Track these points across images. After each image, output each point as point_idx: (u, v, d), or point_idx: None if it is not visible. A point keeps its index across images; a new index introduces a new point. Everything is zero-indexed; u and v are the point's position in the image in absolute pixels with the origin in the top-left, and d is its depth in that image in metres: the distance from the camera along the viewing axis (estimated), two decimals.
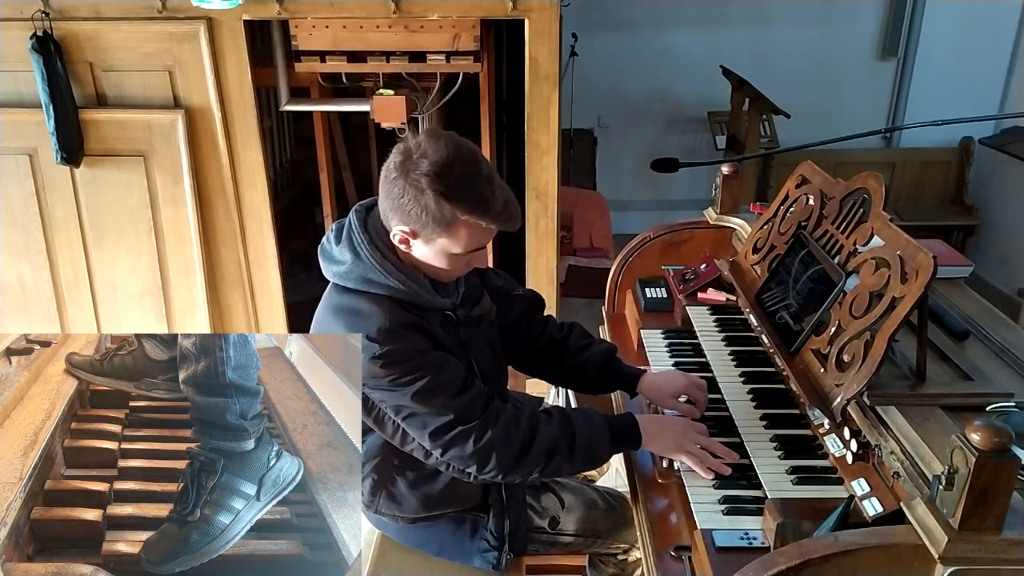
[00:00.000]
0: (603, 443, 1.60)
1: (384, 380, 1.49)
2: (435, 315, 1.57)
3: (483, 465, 1.53)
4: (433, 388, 1.49)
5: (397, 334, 1.48)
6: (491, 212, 1.47)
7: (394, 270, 1.51)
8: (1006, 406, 1.38)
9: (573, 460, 1.58)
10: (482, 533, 1.71)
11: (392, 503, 1.69)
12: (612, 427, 1.62)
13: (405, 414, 1.52)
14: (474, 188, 1.44)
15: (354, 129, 4.19)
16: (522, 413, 1.58)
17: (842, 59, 5.24)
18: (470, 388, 1.54)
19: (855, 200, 1.72)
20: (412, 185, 1.43)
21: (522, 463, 1.55)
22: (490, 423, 1.53)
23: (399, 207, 1.46)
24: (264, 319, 3.32)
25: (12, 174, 3.05)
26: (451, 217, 1.45)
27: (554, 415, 1.60)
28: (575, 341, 1.87)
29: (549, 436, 1.56)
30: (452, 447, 1.52)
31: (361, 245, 1.52)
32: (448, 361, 1.54)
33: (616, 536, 1.82)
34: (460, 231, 1.47)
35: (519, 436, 1.54)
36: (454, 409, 1.51)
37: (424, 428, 1.52)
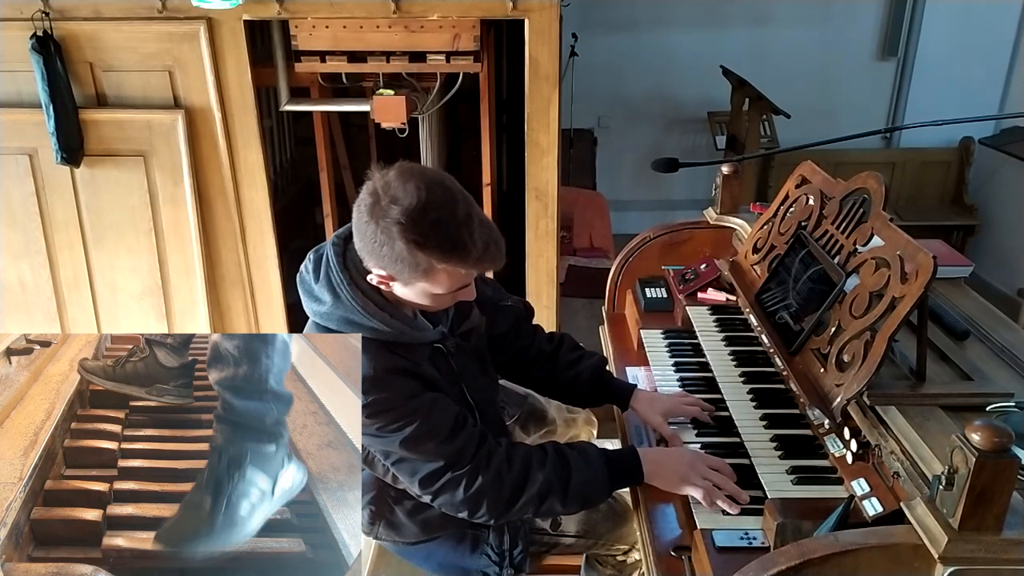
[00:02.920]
0: (600, 484, 1.55)
1: (372, 428, 1.44)
2: (424, 351, 1.51)
3: (474, 511, 1.50)
4: (422, 435, 1.44)
5: (382, 381, 1.43)
6: (469, 258, 1.38)
7: (376, 310, 1.44)
8: (1006, 406, 1.38)
9: (567, 503, 1.53)
10: (483, 549, 1.70)
11: (391, 530, 1.69)
12: (611, 466, 1.55)
13: (394, 459, 1.49)
14: (449, 234, 1.35)
15: (354, 129, 4.19)
16: (515, 454, 1.52)
17: (842, 59, 5.24)
18: (461, 430, 1.49)
19: (855, 200, 1.72)
20: (383, 232, 1.34)
21: (513, 508, 1.50)
22: (481, 468, 1.48)
23: (373, 251, 1.38)
24: (264, 319, 3.32)
25: (12, 174, 3.05)
26: (427, 265, 1.37)
27: (549, 454, 1.54)
28: (566, 354, 1.84)
29: (543, 479, 1.50)
30: (442, 494, 1.49)
31: (340, 285, 1.45)
32: (438, 403, 1.48)
33: (617, 537, 1.81)
34: (439, 276, 1.40)
35: (511, 481, 1.49)
36: (444, 455, 1.46)
37: (414, 475, 1.48)
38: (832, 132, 2.70)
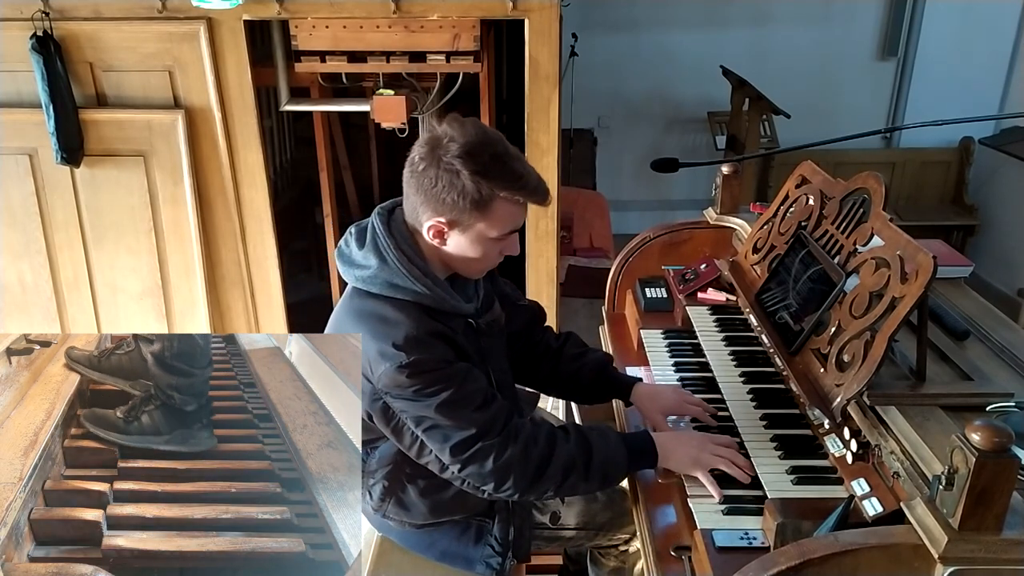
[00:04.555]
0: (620, 462, 1.59)
1: (409, 390, 1.46)
2: (459, 322, 1.55)
3: (501, 483, 1.51)
4: (458, 400, 1.47)
5: (424, 343, 1.46)
6: (528, 186, 1.48)
7: (421, 275, 1.49)
8: (1006, 406, 1.38)
9: (589, 479, 1.56)
10: (486, 539, 1.70)
11: (401, 509, 1.68)
12: (629, 446, 1.60)
13: (427, 425, 1.49)
14: (508, 165, 1.46)
15: (354, 129, 4.19)
16: (540, 431, 1.55)
17: (842, 59, 5.24)
18: (492, 402, 1.52)
19: (855, 200, 1.72)
20: (446, 170, 1.42)
21: (539, 482, 1.53)
22: (511, 440, 1.50)
23: (433, 197, 1.45)
24: (264, 319, 3.32)
25: (12, 174, 3.05)
26: (488, 196, 1.44)
27: (571, 433, 1.58)
28: (570, 349, 1.86)
29: (567, 455, 1.54)
30: (471, 463, 1.50)
31: (387, 249, 1.49)
32: (472, 372, 1.51)
33: (617, 527, 1.82)
34: (497, 211, 1.47)
35: (537, 454, 1.52)
36: (477, 423, 1.48)
37: (446, 441, 1.49)
38: (832, 132, 2.70)
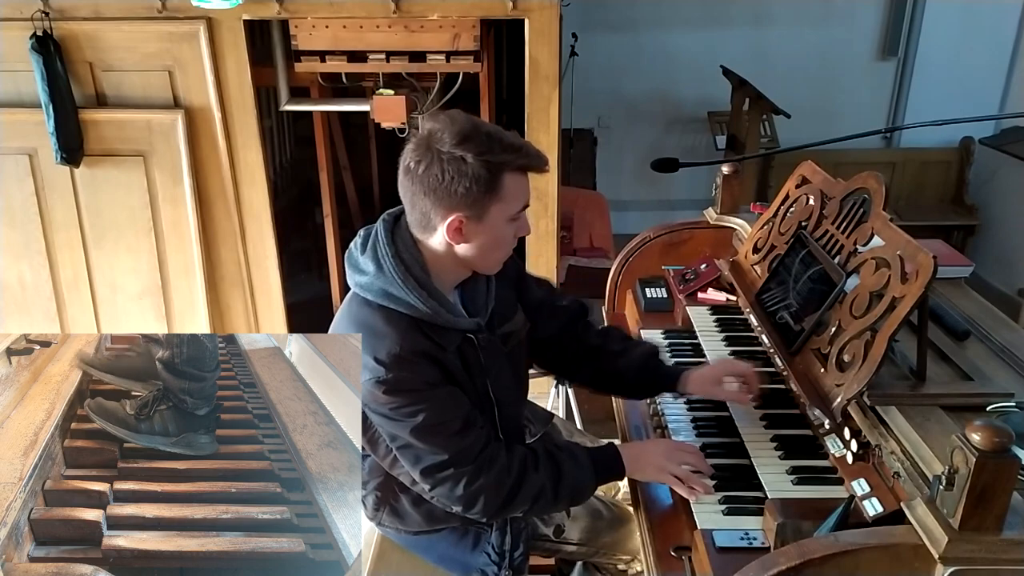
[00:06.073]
0: (588, 482, 1.60)
1: (385, 407, 1.44)
2: (454, 338, 1.50)
3: (469, 507, 1.52)
4: (433, 425, 1.45)
5: (407, 362, 1.42)
6: (530, 153, 1.47)
7: (416, 286, 1.45)
8: (1006, 406, 1.38)
9: (558, 502, 1.60)
10: (483, 547, 1.70)
11: (395, 518, 1.68)
12: (596, 464, 1.60)
13: (400, 444, 1.49)
14: (503, 139, 1.45)
15: (354, 129, 4.20)
16: (514, 457, 1.54)
17: (842, 59, 5.24)
18: (471, 429, 1.50)
19: (855, 200, 1.72)
20: (450, 161, 1.40)
21: (507, 508, 1.54)
22: (483, 469, 1.49)
23: (444, 193, 1.41)
24: (264, 319, 3.32)
25: (12, 174, 3.05)
26: (497, 173, 1.42)
27: (541, 458, 1.57)
28: (612, 345, 1.81)
29: (536, 482, 1.54)
30: (441, 486, 1.50)
31: (385, 257, 1.46)
32: (454, 396, 1.49)
33: (619, 549, 1.81)
34: (508, 187, 1.44)
35: (509, 483, 1.52)
36: (450, 450, 1.47)
37: (417, 463, 1.49)
38: (832, 132, 2.69)
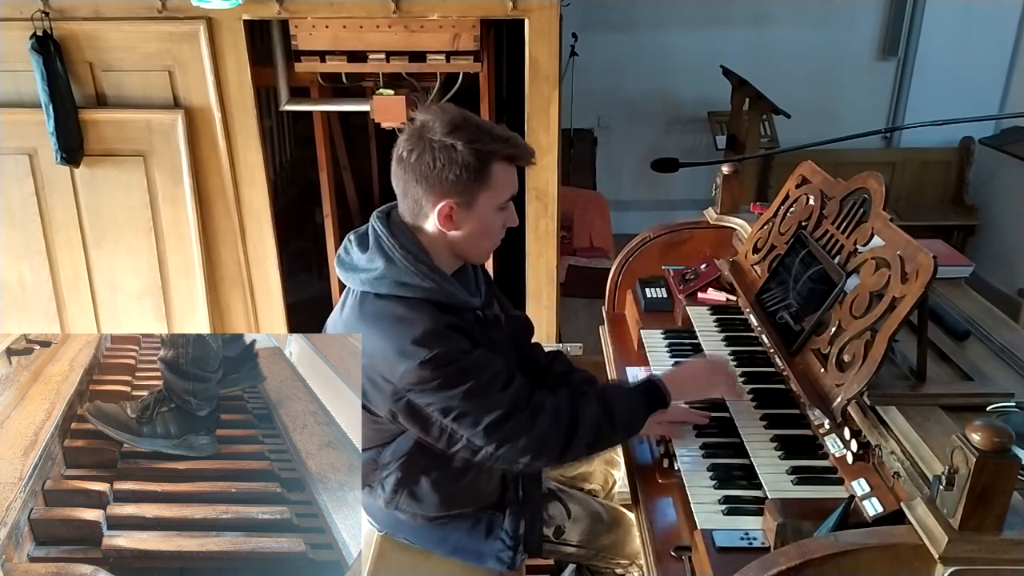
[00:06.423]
0: (639, 408, 1.64)
1: (433, 384, 1.47)
2: (468, 316, 1.57)
3: (539, 454, 1.55)
4: (482, 385, 1.50)
5: (442, 336, 1.48)
6: (518, 144, 1.53)
7: (429, 272, 1.51)
8: (1006, 406, 1.38)
9: (616, 431, 1.62)
10: (497, 533, 1.70)
11: (413, 501, 1.68)
12: (642, 392, 1.66)
13: (455, 414, 1.50)
14: (492, 129, 1.51)
15: (354, 129, 4.19)
16: (561, 395, 1.61)
17: (842, 59, 5.24)
18: (514, 379, 1.55)
19: (855, 200, 1.72)
20: (441, 149, 1.46)
21: (572, 444, 1.57)
22: (539, 410, 1.55)
23: (435, 180, 1.48)
24: (264, 319, 3.32)
25: (12, 174, 3.05)
26: (486, 161, 1.48)
27: (588, 392, 1.64)
28: (557, 367, 1.88)
29: (591, 412, 1.59)
30: (507, 442, 1.52)
31: (393, 249, 1.51)
32: (489, 357, 1.54)
33: (618, 553, 1.82)
34: (496, 176, 1.50)
35: (566, 417, 1.57)
36: (505, 403, 1.51)
37: (476, 426, 1.51)
38: (832, 132, 2.70)
